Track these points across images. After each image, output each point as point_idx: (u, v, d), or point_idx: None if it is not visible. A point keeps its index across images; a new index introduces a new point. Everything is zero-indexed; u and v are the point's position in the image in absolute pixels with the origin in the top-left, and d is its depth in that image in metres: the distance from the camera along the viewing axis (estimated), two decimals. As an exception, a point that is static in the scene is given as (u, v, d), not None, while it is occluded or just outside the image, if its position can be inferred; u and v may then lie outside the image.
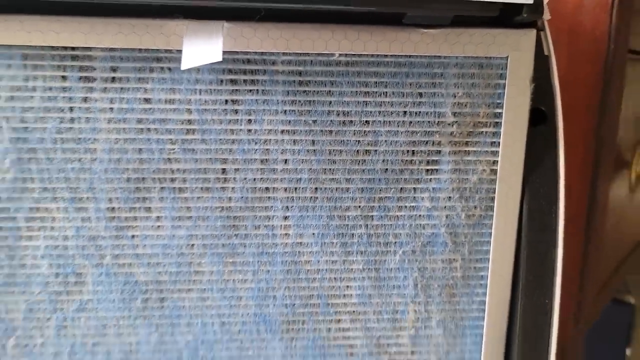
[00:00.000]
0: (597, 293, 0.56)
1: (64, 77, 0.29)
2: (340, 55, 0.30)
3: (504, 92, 0.31)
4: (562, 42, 0.48)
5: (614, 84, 0.47)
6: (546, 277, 0.33)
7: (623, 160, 0.62)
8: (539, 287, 0.33)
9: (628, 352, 0.75)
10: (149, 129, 0.30)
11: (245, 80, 0.30)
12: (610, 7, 0.46)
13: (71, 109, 0.30)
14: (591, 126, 0.47)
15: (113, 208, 0.31)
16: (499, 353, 0.35)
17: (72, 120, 0.30)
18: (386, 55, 0.30)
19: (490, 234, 0.33)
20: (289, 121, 0.31)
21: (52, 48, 0.29)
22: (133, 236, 0.31)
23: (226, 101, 0.30)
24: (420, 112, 0.31)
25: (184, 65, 0.28)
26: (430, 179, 0.32)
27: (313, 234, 0.32)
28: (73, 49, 0.29)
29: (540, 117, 0.33)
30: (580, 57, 0.47)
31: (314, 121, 0.31)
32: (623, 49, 0.49)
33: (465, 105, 0.31)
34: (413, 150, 0.32)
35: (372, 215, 0.32)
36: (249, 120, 0.30)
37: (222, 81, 0.30)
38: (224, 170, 0.31)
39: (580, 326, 0.51)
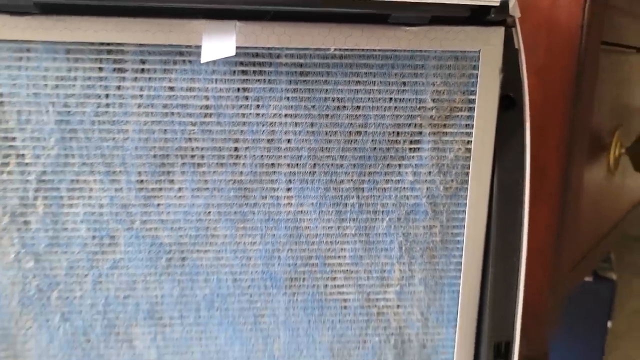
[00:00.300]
0: (575, 266, 0.60)
1: (100, 69, 0.32)
2: (335, 49, 0.33)
3: (477, 81, 0.34)
4: (542, 36, 0.50)
5: (586, 76, 0.50)
6: (514, 241, 0.37)
7: (603, 144, 0.65)
8: (508, 250, 0.37)
9: (609, 324, 0.78)
10: (172, 113, 0.33)
11: (254, 71, 0.33)
12: (584, 2, 0.48)
13: (107, 95, 0.33)
14: (566, 114, 0.50)
15: (142, 180, 0.34)
16: (474, 307, 0.38)
17: (107, 105, 0.33)
18: (374, 49, 0.33)
19: (465, 204, 0.36)
20: (292, 106, 0.34)
21: (91, 44, 0.32)
22: (159, 204, 0.35)
23: (238, 89, 0.33)
24: (404, 98, 0.34)
25: (203, 59, 0.31)
26: (413, 156, 0.35)
27: (312, 203, 0.36)
28: (108, 44, 0.32)
29: (510, 103, 0.36)
30: (557, 50, 0.49)
31: (313, 106, 0.34)
32: (595, 42, 0.51)
33: (443, 93, 0.35)
34: (398, 132, 0.35)
35: (362, 187, 0.36)
36: (257, 106, 0.34)
37: (234, 72, 0.33)
38: (236, 149, 0.34)
39: (556, 295, 0.55)
